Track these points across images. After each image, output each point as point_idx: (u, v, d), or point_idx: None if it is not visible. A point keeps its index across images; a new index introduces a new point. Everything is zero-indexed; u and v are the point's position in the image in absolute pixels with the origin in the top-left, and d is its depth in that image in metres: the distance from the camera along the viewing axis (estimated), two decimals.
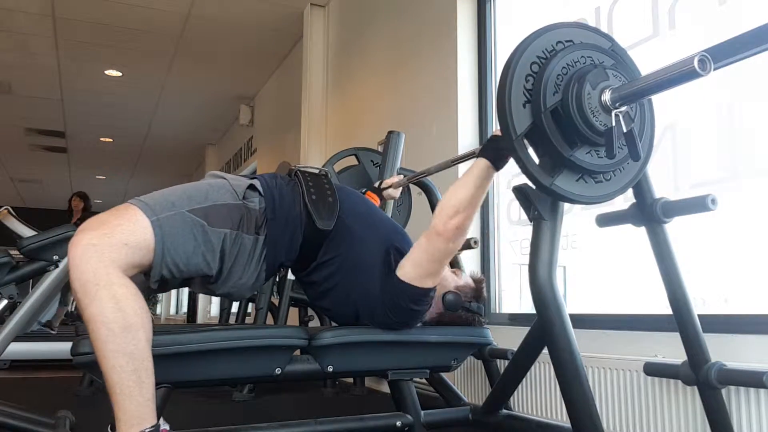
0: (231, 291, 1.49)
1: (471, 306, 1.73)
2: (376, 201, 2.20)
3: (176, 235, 1.35)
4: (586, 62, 1.28)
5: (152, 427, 1.23)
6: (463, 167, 2.88)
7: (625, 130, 1.22)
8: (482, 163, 1.45)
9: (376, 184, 2.25)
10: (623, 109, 1.23)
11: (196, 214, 1.39)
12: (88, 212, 6.17)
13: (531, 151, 1.29)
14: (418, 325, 1.66)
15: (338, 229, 1.57)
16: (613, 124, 1.21)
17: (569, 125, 1.23)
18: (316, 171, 1.66)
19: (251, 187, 1.52)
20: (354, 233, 1.60)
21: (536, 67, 1.26)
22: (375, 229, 1.65)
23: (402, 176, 2.27)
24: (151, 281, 1.38)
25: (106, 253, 1.25)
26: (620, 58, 1.33)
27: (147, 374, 1.24)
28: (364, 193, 2.21)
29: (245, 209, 1.47)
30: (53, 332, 5.07)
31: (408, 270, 1.52)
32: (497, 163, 1.44)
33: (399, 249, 1.61)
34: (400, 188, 2.28)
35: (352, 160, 2.62)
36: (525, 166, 1.25)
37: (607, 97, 1.23)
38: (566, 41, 1.30)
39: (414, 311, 1.57)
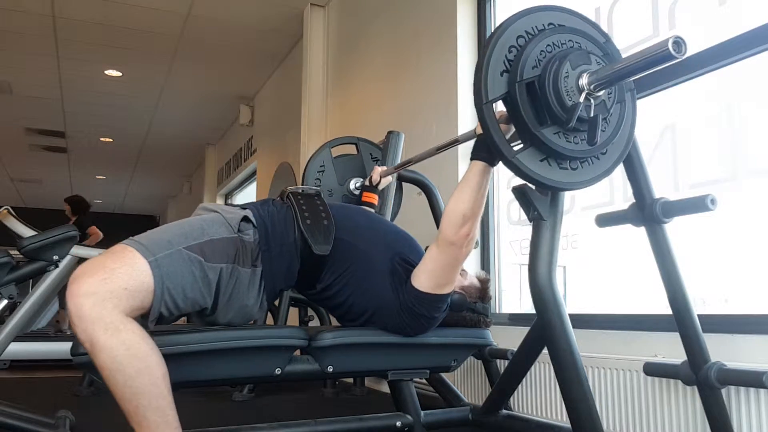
0: (233, 320, 1.48)
1: (476, 307, 1.72)
2: (374, 199, 2.19)
3: (175, 274, 1.33)
4: (572, 45, 1.26)
5: None
6: (461, 165, 2.91)
7: (591, 114, 1.21)
8: (478, 165, 1.43)
9: (367, 181, 2.23)
10: (600, 94, 1.22)
11: (193, 251, 1.37)
12: (84, 215, 6.15)
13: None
14: None
15: (340, 248, 1.55)
16: (581, 101, 1.19)
17: (542, 101, 1.21)
18: (310, 192, 1.64)
19: (245, 218, 1.50)
20: (357, 249, 1.59)
21: (522, 40, 1.24)
22: (377, 240, 1.64)
23: (384, 168, 2.24)
24: (149, 320, 1.35)
25: (107, 300, 1.22)
26: (610, 54, 1.31)
27: (170, 407, 1.25)
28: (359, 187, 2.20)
29: (240, 242, 1.45)
30: (67, 333, 5.08)
31: (424, 280, 1.52)
32: (492, 161, 1.42)
33: (403, 257, 1.60)
34: (392, 176, 2.26)
35: (348, 148, 2.60)
36: (490, 133, 1.22)
37: (584, 80, 1.21)
38: (559, 24, 1.29)
39: (432, 318, 1.58)
